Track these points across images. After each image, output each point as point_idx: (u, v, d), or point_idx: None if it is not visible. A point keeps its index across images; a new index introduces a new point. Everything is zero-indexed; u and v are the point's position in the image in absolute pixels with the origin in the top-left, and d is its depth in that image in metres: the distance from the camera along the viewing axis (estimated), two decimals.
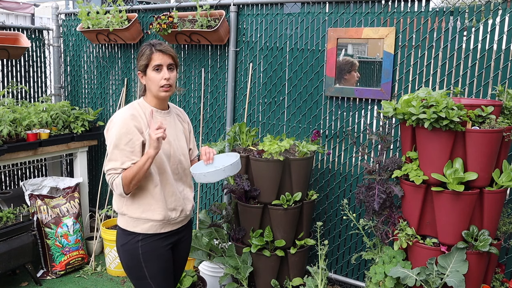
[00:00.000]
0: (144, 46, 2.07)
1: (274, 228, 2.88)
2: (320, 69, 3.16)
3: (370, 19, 2.93)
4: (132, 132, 1.99)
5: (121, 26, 3.76)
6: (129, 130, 1.99)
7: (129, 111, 2.05)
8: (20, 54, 4.04)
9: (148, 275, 2.07)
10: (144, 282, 2.09)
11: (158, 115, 2.12)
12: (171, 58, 2.06)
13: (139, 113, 2.05)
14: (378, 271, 2.39)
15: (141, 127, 2.03)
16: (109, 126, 2.05)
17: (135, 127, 2.00)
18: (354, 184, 3.16)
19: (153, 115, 2.08)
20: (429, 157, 2.22)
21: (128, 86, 4.16)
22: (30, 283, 3.47)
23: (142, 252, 2.06)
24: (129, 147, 1.98)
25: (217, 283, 3.14)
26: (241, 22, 3.46)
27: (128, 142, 1.98)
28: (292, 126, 3.34)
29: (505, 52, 2.58)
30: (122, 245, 2.10)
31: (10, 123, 3.43)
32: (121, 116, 2.02)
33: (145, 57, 2.03)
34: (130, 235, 2.07)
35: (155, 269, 2.08)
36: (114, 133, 1.99)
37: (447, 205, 2.19)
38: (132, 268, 2.09)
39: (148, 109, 2.08)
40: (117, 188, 1.99)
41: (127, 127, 1.99)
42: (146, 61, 2.03)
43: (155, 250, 2.09)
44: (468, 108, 2.14)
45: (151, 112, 2.03)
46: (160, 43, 2.07)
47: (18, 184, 4.40)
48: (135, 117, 2.03)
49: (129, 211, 2.07)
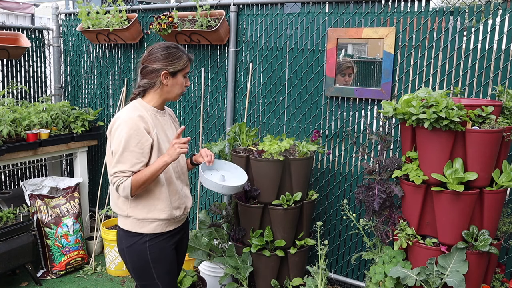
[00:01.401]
0: (174, 49, 2.08)
1: (274, 228, 2.88)
2: (320, 69, 3.16)
3: (370, 19, 2.93)
4: (141, 134, 1.98)
5: (121, 26, 3.76)
6: (138, 131, 1.97)
7: (136, 112, 2.02)
8: (20, 54, 4.04)
9: (156, 275, 2.08)
10: (152, 283, 2.09)
11: (158, 115, 2.12)
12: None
13: (144, 113, 2.04)
14: (378, 271, 2.39)
15: (148, 127, 2.02)
16: (113, 128, 2.02)
17: (144, 129, 1.99)
18: (354, 184, 3.16)
19: (154, 115, 2.09)
20: (429, 157, 2.22)
21: (128, 86, 4.16)
22: (30, 283, 3.47)
23: (150, 253, 2.06)
24: (138, 149, 1.97)
25: (217, 283, 3.14)
26: (241, 22, 3.46)
27: (138, 143, 1.97)
28: (292, 126, 3.34)
29: (505, 52, 2.58)
30: (128, 247, 2.09)
31: (10, 123, 3.43)
32: (129, 117, 1.99)
33: (183, 63, 2.08)
34: (136, 236, 2.07)
35: (162, 270, 2.09)
36: (122, 134, 1.96)
37: (447, 205, 2.19)
38: (139, 270, 2.09)
39: (149, 109, 2.09)
40: (123, 191, 1.97)
41: (136, 128, 1.97)
42: (182, 67, 2.08)
43: (162, 251, 2.10)
44: (468, 108, 2.14)
45: (182, 129, 2.03)
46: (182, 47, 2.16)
47: (18, 184, 4.40)
48: (143, 118, 2.01)
49: (134, 213, 2.06)
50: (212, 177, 2.39)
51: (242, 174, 2.53)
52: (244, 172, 2.53)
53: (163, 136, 2.11)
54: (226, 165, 2.53)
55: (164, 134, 2.12)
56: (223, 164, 2.53)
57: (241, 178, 2.51)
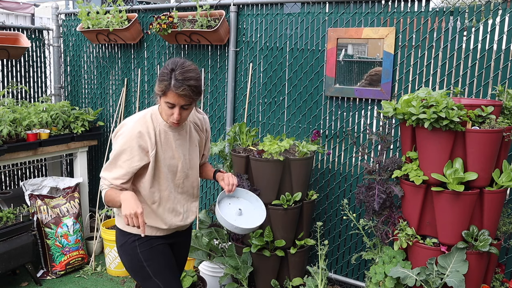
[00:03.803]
0: (166, 71, 1.85)
1: (274, 228, 2.88)
2: (320, 69, 3.16)
3: (370, 19, 2.94)
4: (134, 153, 1.92)
5: (121, 26, 3.76)
6: (132, 150, 1.92)
7: (138, 126, 1.94)
8: (20, 54, 4.04)
9: (151, 273, 2.04)
10: (150, 281, 2.05)
11: (169, 130, 2.01)
12: (189, 99, 1.87)
13: (148, 130, 1.95)
14: (378, 271, 2.39)
15: (146, 146, 1.94)
16: (118, 133, 1.98)
17: (139, 147, 1.92)
18: (354, 184, 3.16)
19: (165, 130, 1.99)
20: (429, 157, 2.22)
21: (128, 86, 4.16)
22: (30, 283, 3.47)
23: (140, 251, 2.04)
24: (126, 166, 1.92)
25: (217, 283, 3.14)
26: (241, 22, 3.46)
27: (127, 161, 1.92)
28: (292, 126, 3.34)
29: (505, 52, 2.58)
30: (121, 246, 2.09)
31: (10, 123, 3.43)
32: (129, 131, 1.93)
33: (161, 88, 1.86)
34: (127, 235, 2.06)
35: (157, 266, 2.06)
36: (118, 144, 1.93)
37: (447, 205, 2.19)
38: (134, 269, 2.08)
39: (160, 123, 1.99)
40: (103, 195, 1.98)
41: (131, 146, 1.92)
42: (159, 92, 1.88)
43: (153, 248, 2.07)
44: (468, 108, 2.14)
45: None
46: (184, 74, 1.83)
47: (18, 184, 4.40)
48: (142, 136, 1.93)
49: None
50: (228, 209, 2.22)
51: (261, 208, 2.28)
52: (263, 206, 2.28)
53: (169, 152, 2.02)
54: (247, 194, 2.31)
55: (170, 150, 2.03)
56: (244, 193, 2.32)
57: (260, 213, 2.27)
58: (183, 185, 2.12)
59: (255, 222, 2.19)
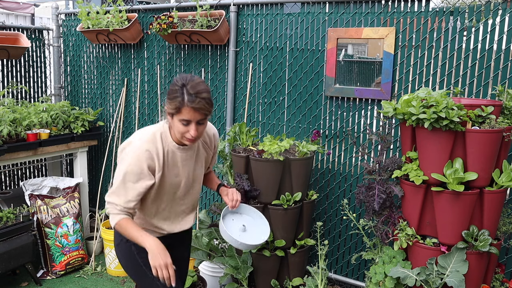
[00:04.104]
0: (177, 87, 1.79)
1: (274, 228, 2.88)
2: (320, 69, 3.16)
3: (370, 19, 2.94)
4: (142, 173, 1.87)
5: (121, 26, 3.76)
6: (141, 170, 1.86)
7: (147, 145, 1.88)
8: (20, 54, 4.04)
9: (148, 271, 2.01)
10: (147, 279, 2.04)
11: (178, 151, 1.97)
12: (204, 112, 1.81)
13: (157, 151, 1.90)
14: (378, 271, 2.39)
15: (154, 167, 1.90)
16: (125, 150, 1.91)
17: (147, 168, 1.87)
18: (354, 184, 3.16)
19: (173, 151, 1.94)
20: (429, 157, 2.22)
21: (128, 86, 4.16)
22: (30, 283, 3.47)
23: (136, 249, 2.02)
24: (137, 186, 1.87)
25: (217, 283, 3.14)
26: (241, 22, 3.46)
27: (136, 182, 1.87)
28: (292, 126, 3.34)
29: (505, 52, 2.58)
30: (117, 245, 2.09)
31: (10, 123, 3.43)
32: (138, 150, 1.87)
33: (174, 106, 1.79)
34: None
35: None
36: (125, 164, 1.87)
37: (447, 205, 2.19)
38: (130, 267, 2.08)
39: (169, 144, 1.93)
40: (111, 220, 1.92)
41: (139, 167, 1.86)
42: (172, 110, 1.81)
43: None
44: (468, 108, 2.14)
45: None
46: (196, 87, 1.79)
47: (18, 184, 4.40)
48: (151, 156, 1.88)
49: None
50: (231, 225, 2.21)
51: (265, 225, 2.28)
52: (267, 223, 2.29)
53: (174, 171, 1.99)
54: (251, 210, 2.30)
55: (176, 169, 1.99)
56: (248, 209, 2.31)
57: (263, 230, 2.27)
58: (183, 198, 2.10)
59: (259, 239, 2.19)
